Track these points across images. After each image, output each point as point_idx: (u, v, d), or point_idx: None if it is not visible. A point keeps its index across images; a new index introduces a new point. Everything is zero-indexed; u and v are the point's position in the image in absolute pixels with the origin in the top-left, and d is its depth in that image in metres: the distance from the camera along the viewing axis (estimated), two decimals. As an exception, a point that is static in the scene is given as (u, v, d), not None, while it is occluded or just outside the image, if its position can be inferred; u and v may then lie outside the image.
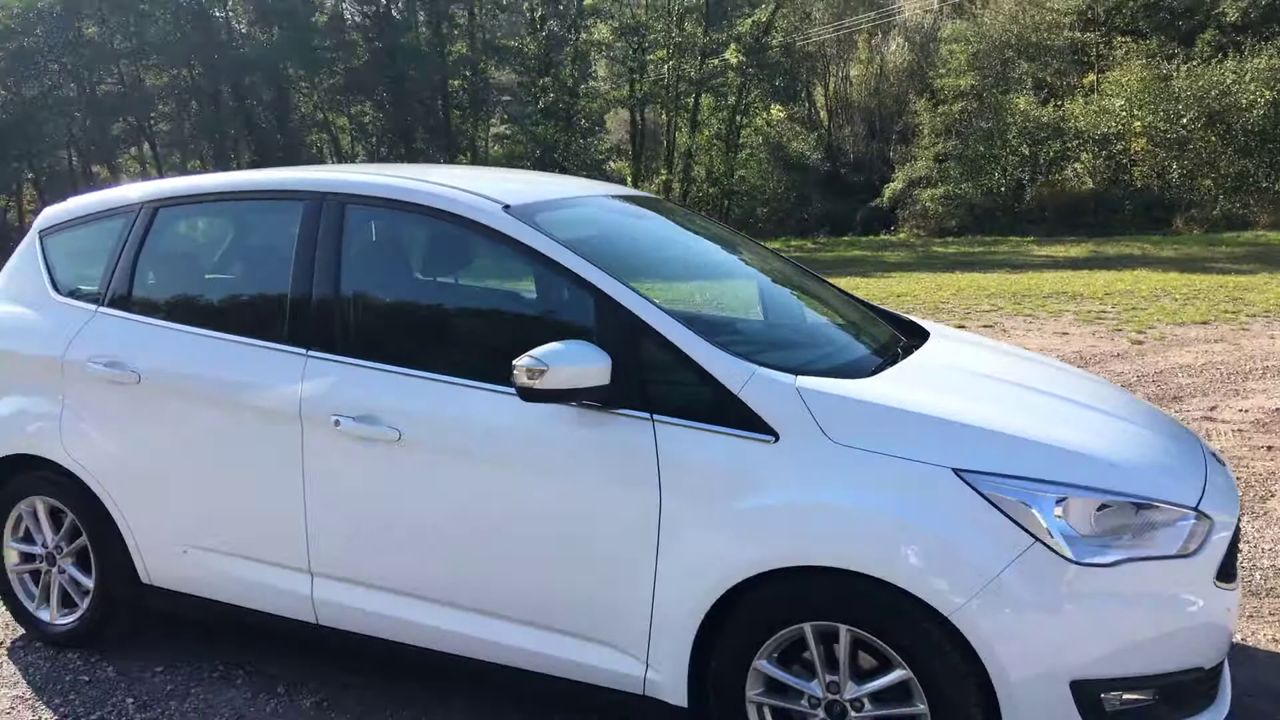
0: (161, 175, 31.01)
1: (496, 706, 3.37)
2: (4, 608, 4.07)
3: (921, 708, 2.59)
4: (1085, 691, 2.52)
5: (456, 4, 32.60)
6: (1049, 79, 33.29)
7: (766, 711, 2.80)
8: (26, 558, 3.92)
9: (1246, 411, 6.79)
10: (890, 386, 2.89)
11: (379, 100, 32.51)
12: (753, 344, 2.96)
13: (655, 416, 2.82)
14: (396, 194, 3.31)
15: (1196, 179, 26.58)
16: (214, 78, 31.89)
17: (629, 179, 35.33)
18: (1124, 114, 28.02)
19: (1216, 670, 2.76)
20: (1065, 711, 2.52)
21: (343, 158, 34.69)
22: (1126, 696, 2.58)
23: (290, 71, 32.32)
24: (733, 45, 32.94)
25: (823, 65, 40.95)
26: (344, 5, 33.59)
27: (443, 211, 3.23)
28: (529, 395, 2.80)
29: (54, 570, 3.84)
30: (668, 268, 3.77)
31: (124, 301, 3.68)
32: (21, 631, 4.01)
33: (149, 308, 3.66)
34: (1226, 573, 2.75)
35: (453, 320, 3.45)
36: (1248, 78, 25.64)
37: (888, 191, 34.18)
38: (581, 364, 2.78)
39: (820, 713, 2.72)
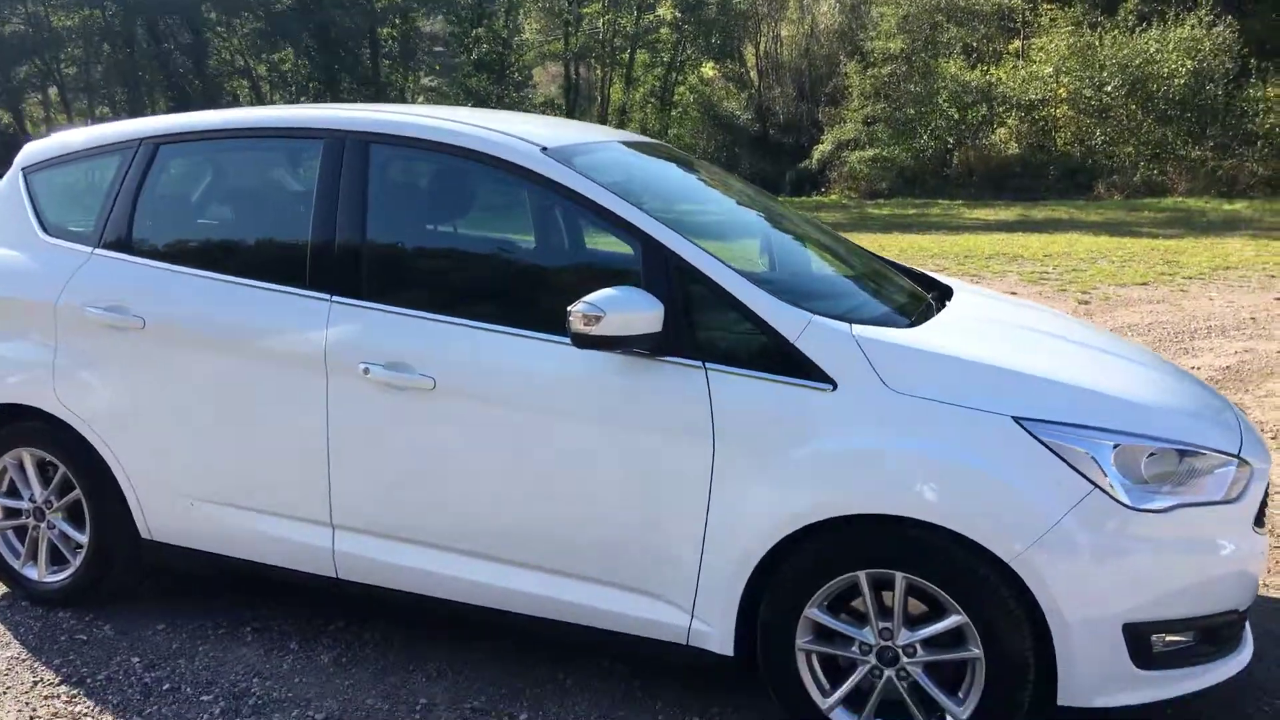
0: (70, 121, 29.65)
1: (519, 656, 3.33)
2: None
3: (976, 652, 2.62)
4: (1136, 634, 2.58)
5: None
6: (976, 44, 33.76)
7: (814, 659, 2.80)
8: (11, 513, 3.73)
9: (1198, 369, 7.02)
10: (938, 336, 2.89)
11: (304, 47, 31.40)
12: (793, 293, 2.92)
13: (708, 364, 2.78)
14: (426, 133, 3.18)
15: (1118, 146, 27.27)
16: (128, 20, 30.44)
17: (561, 134, 34.71)
18: (1051, 80, 28.57)
19: (1246, 613, 2.85)
20: (1116, 654, 2.57)
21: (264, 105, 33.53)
22: (1170, 638, 2.65)
23: (210, 14, 31.01)
24: (668, 1, 32.61)
25: (754, 24, 40.85)
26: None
27: (476, 152, 3.11)
28: (583, 341, 2.73)
29: (42, 525, 3.66)
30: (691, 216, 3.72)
31: (124, 243, 3.48)
32: (3, 591, 3.82)
33: (153, 250, 3.46)
34: (1260, 519, 2.83)
35: (488, 265, 3.36)
36: (1170, 47, 26.32)
37: (816, 153, 34.37)
38: (636, 310, 2.72)
39: (871, 659, 2.73)
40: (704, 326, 2.82)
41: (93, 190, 3.66)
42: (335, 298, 3.15)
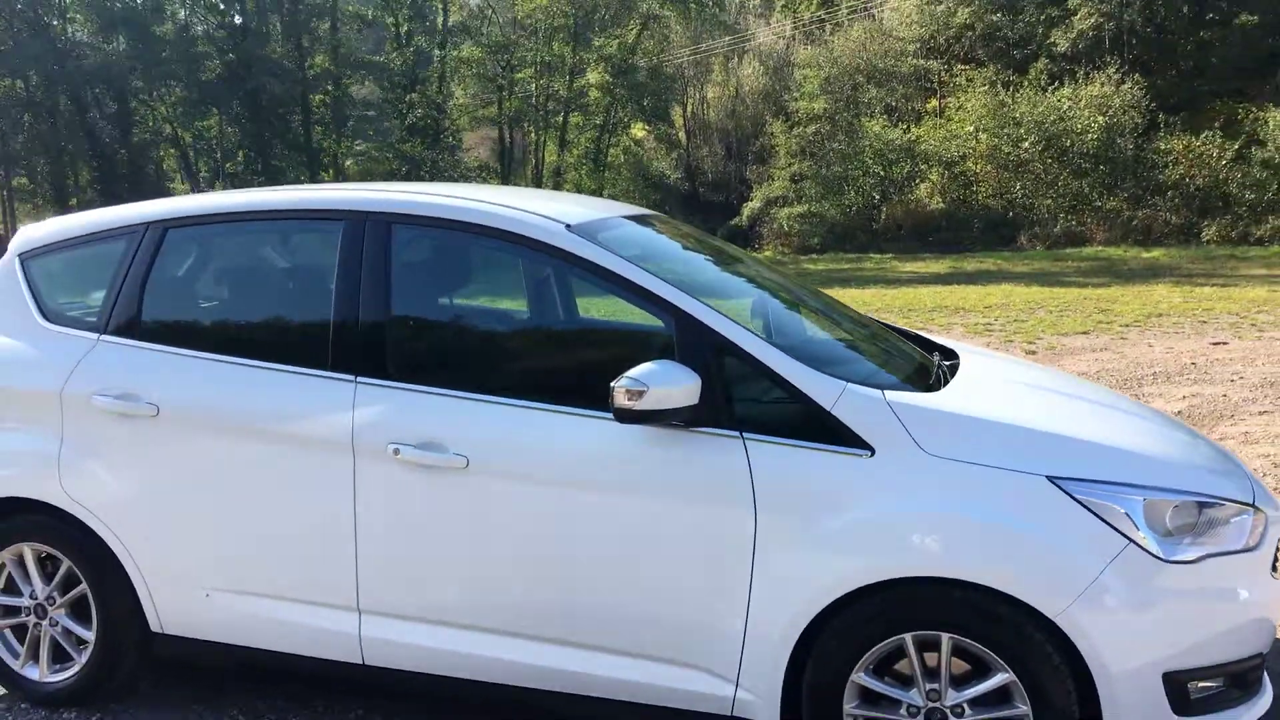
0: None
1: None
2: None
3: (1024, 709, 2.68)
4: (1175, 682, 2.66)
5: (318, 17, 31.67)
6: (896, 103, 34.96)
7: (861, 724, 2.83)
8: (8, 611, 3.59)
9: (1153, 415, 7.26)
10: (963, 399, 2.99)
11: (234, 114, 31.19)
12: (820, 360, 2.99)
13: (745, 434, 2.83)
14: (449, 213, 3.21)
15: (1037, 199, 28.32)
16: (50, 90, 29.94)
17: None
18: (970, 138, 29.63)
19: (1266, 657, 2.95)
20: (1157, 702, 2.65)
21: (194, 175, 33.11)
22: (1203, 684, 2.74)
23: (137, 83, 30.65)
24: (601, 65, 33.18)
25: (681, 87, 41.75)
26: (191, 16, 32.09)
27: (502, 231, 3.15)
28: (626, 416, 2.77)
29: (44, 623, 3.53)
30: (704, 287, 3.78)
31: (132, 329, 3.42)
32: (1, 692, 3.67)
33: (164, 335, 3.41)
34: (1275, 565, 2.95)
35: (518, 342, 3.38)
36: (1082, 104, 27.53)
37: (746, 210, 35.05)
38: (675, 384, 2.76)
39: (920, 720, 2.77)
40: (740, 397, 2.88)
41: (94, 276, 3.60)
42: (361, 378, 3.13)
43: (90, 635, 3.48)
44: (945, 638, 2.71)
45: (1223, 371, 8.72)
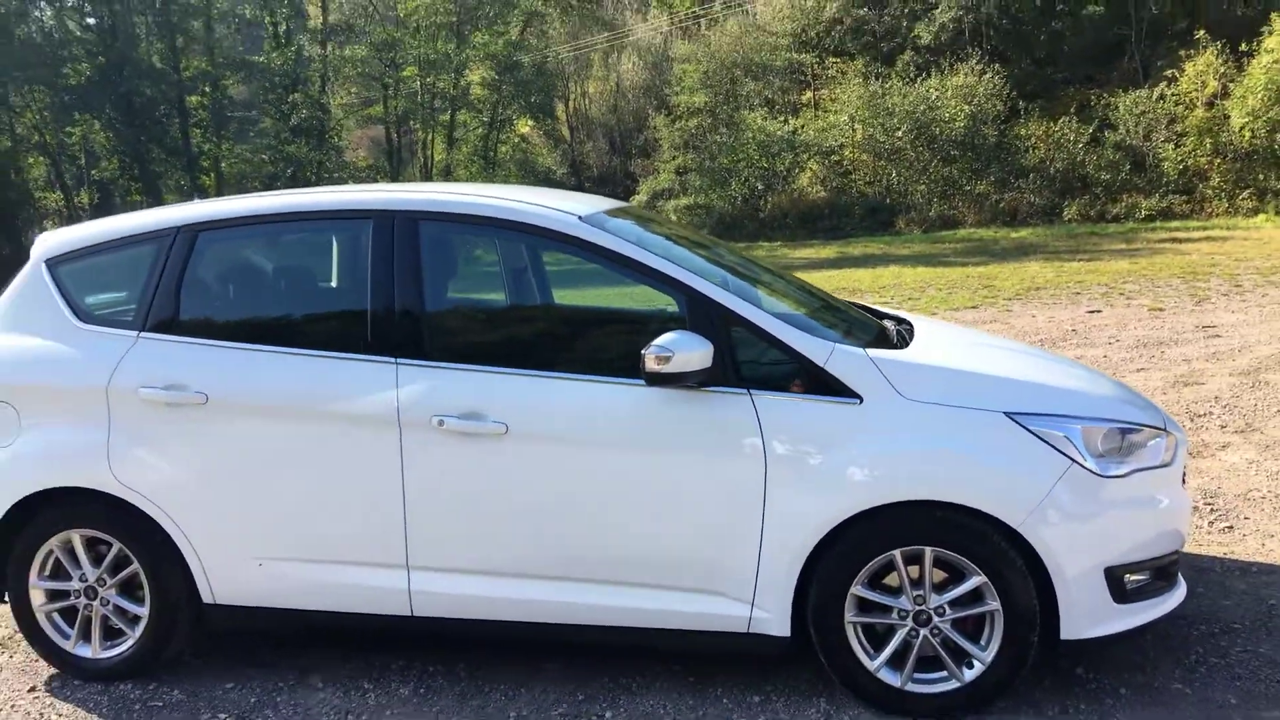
0: None
1: (578, 670, 3.71)
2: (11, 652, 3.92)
3: (994, 605, 3.24)
4: (1113, 576, 3.26)
5: (191, 17, 30.81)
6: (773, 96, 36.08)
7: (859, 629, 3.35)
8: (56, 595, 3.82)
9: (1046, 376, 8.06)
10: (927, 354, 3.54)
11: (107, 118, 30.11)
12: (807, 326, 3.49)
13: (752, 391, 3.31)
14: (471, 209, 3.60)
15: (911, 185, 29.70)
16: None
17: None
18: (846, 128, 30.85)
19: (1179, 555, 3.59)
20: (1101, 594, 3.24)
21: (63, 183, 31.81)
22: (1134, 577, 3.34)
23: (2, 88, 29.31)
24: (486, 62, 33.23)
25: (562, 82, 42.08)
26: (57, 18, 30.76)
27: (520, 224, 3.56)
28: (654, 379, 3.22)
29: (95, 603, 3.77)
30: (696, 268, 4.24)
31: (171, 326, 3.69)
32: (51, 673, 3.89)
33: (204, 330, 3.69)
34: (1183, 478, 3.59)
35: (543, 321, 3.77)
36: (949, 94, 28.97)
37: (634, 203, 35.68)
38: (693, 350, 3.23)
39: (909, 622, 3.30)
40: (744, 360, 3.35)
41: (122, 278, 3.85)
42: (401, 360, 3.50)
43: (144, 611, 3.74)
44: (928, 551, 3.25)
45: (1100, 336, 9.64)
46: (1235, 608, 3.99)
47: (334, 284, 3.81)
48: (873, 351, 3.38)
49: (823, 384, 3.30)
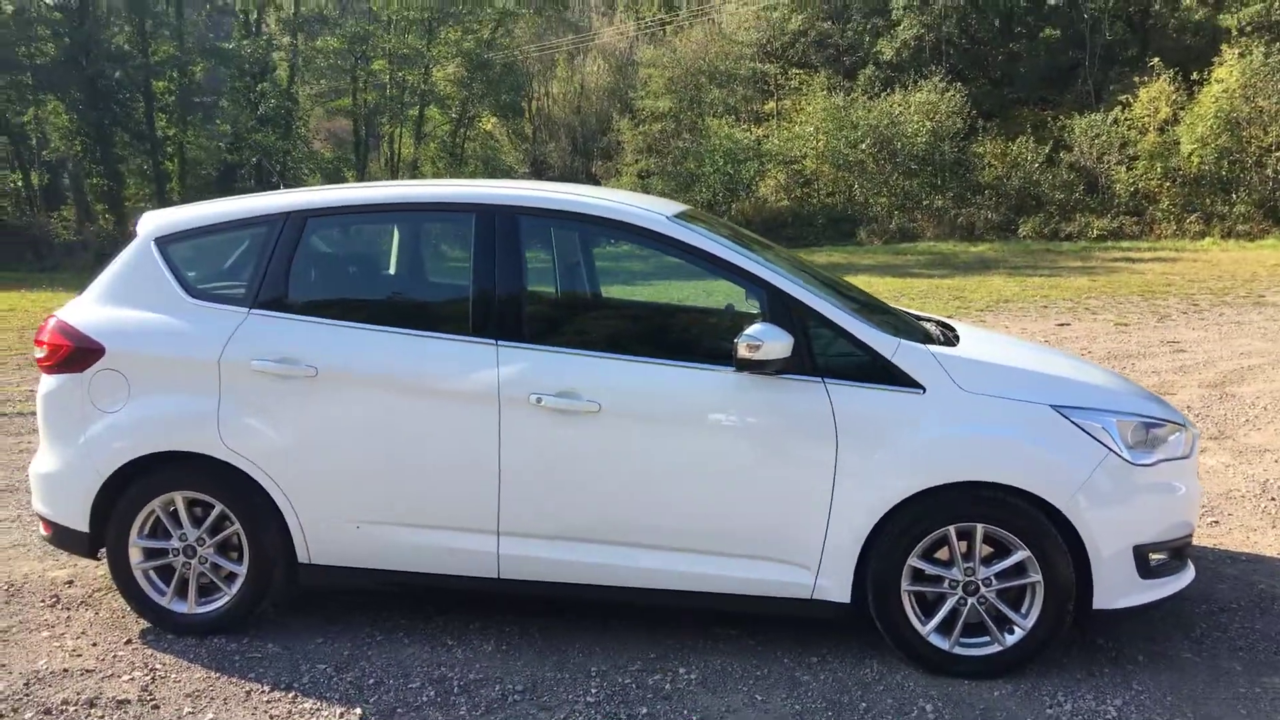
0: None
1: (647, 631, 4.04)
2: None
3: (1036, 577, 3.63)
4: (1140, 554, 3.67)
5: (163, 1, 30.48)
6: (736, 104, 36.68)
7: (912, 598, 3.72)
8: (155, 553, 4.04)
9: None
10: (978, 351, 3.93)
11: (72, 100, 29.62)
12: (868, 321, 3.86)
13: (826, 380, 3.67)
14: (568, 206, 3.92)
15: (872, 197, 30.43)
16: None
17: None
18: (811, 139, 31.48)
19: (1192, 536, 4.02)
20: (1129, 570, 3.65)
21: (24, 163, 31.19)
22: (1156, 556, 3.76)
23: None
24: (457, 59, 33.32)
25: (527, 82, 42.30)
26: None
27: (615, 221, 3.89)
28: (744, 365, 3.57)
29: (193, 562, 4.01)
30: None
31: (280, 304, 3.95)
32: (143, 626, 4.11)
33: (313, 308, 3.95)
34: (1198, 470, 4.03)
35: (635, 310, 4.09)
36: (911, 110, 29.73)
37: (599, 205, 35.90)
38: (777, 340, 3.58)
39: (959, 591, 3.68)
40: (819, 352, 3.71)
41: (229, 258, 4.10)
42: (501, 342, 3.80)
43: (241, 570, 3.98)
44: (979, 527, 3.63)
45: (1073, 347, 10.19)
46: (1230, 590, 4.45)
47: (439, 271, 4.09)
48: (934, 348, 3.76)
49: (889, 375, 3.67)
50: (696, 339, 3.69)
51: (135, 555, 4.05)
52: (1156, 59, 27.76)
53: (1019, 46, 33.92)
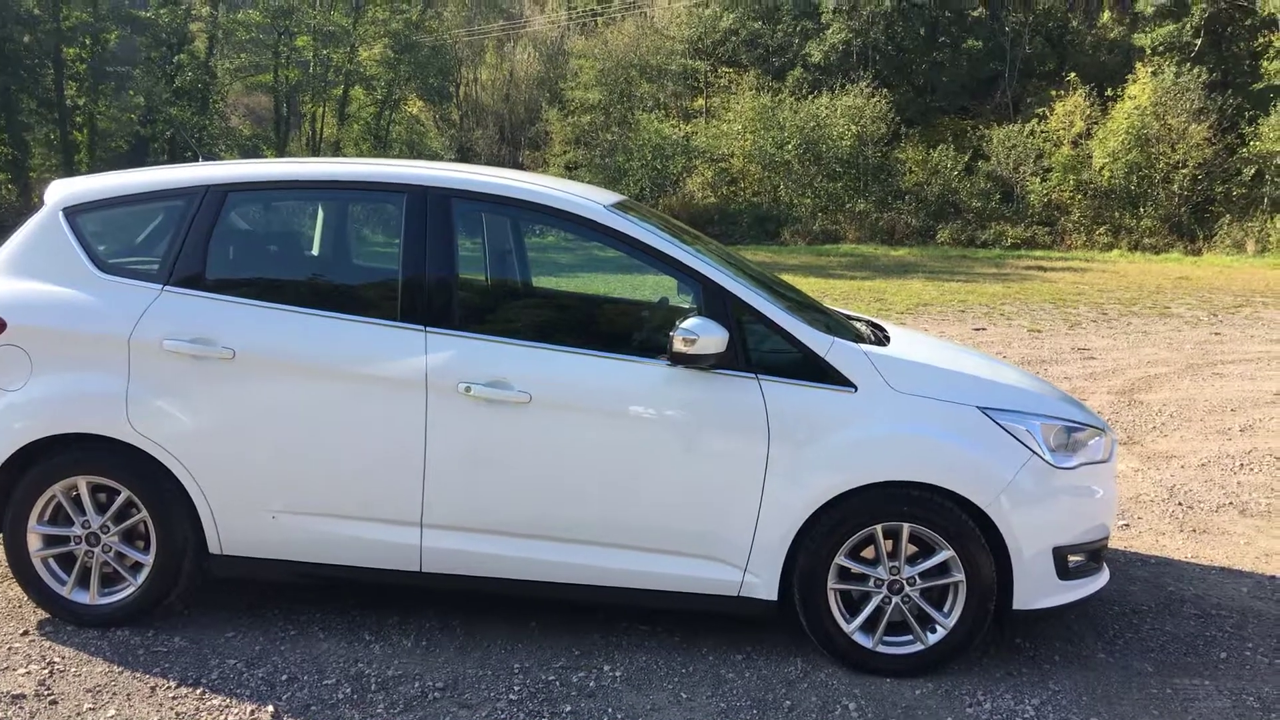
0: None
1: (568, 627, 3.98)
2: None
3: (959, 576, 3.66)
4: (1059, 555, 3.72)
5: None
6: (666, 100, 36.75)
7: (838, 596, 3.73)
8: (55, 540, 3.84)
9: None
10: (909, 352, 3.95)
11: (-27, 64, 28.30)
12: (801, 318, 3.85)
13: (760, 376, 3.65)
14: (502, 191, 3.82)
15: (797, 198, 30.74)
16: None
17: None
18: (738, 138, 31.67)
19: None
20: (1048, 570, 3.71)
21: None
22: (1074, 558, 3.83)
23: None
24: (384, 40, 32.69)
25: (455, 67, 41.73)
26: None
27: (550, 209, 3.81)
28: (678, 359, 3.53)
29: (96, 550, 3.82)
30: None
31: (197, 281, 3.78)
32: (41, 617, 3.91)
33: (232, 288, 3.80)
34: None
35: (568, 300, 4.00)
36: (838, 113, 30.10)
37: (524, 194, 35.62)
38: (713, 335, 3.55)
39: (883, 590, 3.70)
40: (754, 347, 3.69)
41: (143, 232, 3.91)
42: (430, 329, 3.69)
43: (147, 559, 3.81)
44: (906, 526, 3.65)
45: (989, 351, 10.38)
46: (1140, 593, 4.56)
47: (366, 253, 3.96)
48: (866, 347, 3.77)
49: (823, 373, 3.66)
50: (631, 331, 3.64)
51: (34, 542, 3.84)
52: (1073, 74, 28.55)
53: (942, 56, 34.59)
